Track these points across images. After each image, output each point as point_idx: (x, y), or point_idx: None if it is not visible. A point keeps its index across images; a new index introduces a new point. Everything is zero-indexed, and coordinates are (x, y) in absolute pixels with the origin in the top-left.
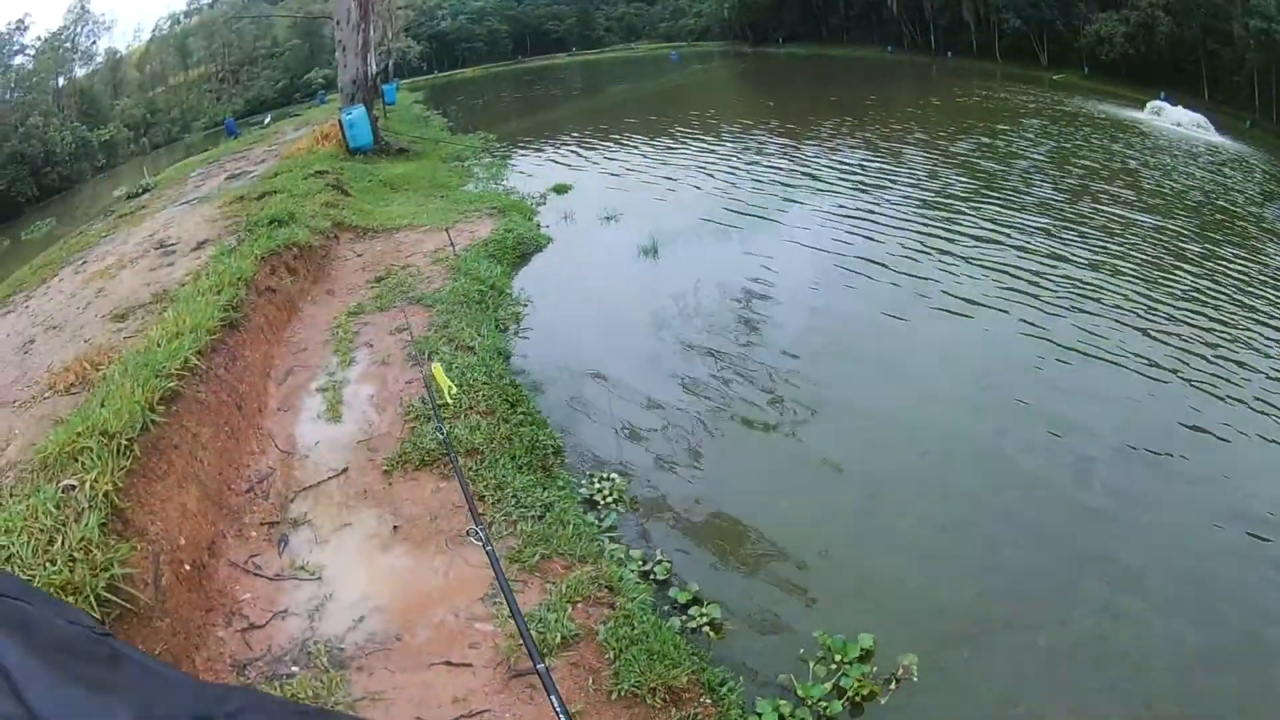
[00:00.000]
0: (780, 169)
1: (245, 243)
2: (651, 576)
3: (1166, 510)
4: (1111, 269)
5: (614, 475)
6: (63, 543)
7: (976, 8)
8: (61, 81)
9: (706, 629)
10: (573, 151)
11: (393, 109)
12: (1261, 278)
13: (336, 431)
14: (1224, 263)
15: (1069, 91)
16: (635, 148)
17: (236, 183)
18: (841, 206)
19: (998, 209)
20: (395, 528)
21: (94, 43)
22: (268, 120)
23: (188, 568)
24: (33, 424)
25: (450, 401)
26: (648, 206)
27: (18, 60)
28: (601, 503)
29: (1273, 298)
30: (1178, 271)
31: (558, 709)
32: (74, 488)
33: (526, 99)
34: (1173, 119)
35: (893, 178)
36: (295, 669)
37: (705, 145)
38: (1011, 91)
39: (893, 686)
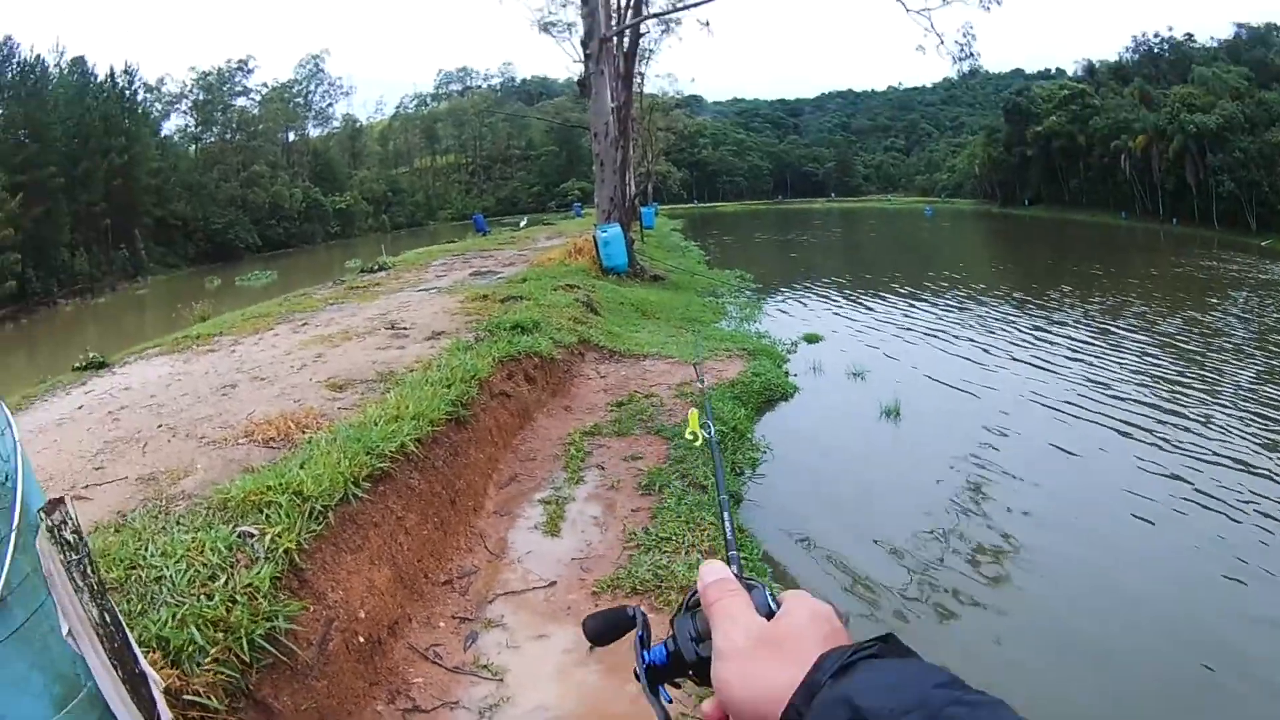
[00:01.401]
0: (1011, 338)
1: (484, 342)
2: None
3: None
4: None
5: None
6: (226, 582)
7: (1197, 171)
8: (292, 136)
9: None
10: (826, 300)
11: (650, 233)
12: None
13: (552, 545)
14: None
15: (1274, 258)
16: (886, 302)
17: (481, 280)
18: (1057, 383)
19: (1201, 396)
20: (592, 648)
21: (330, 105)
22: (523, 223)
23: (361, 640)
24: (218, 464)
25: (698, 438)
26: (893, 365)
27: (240, 102)
28: None
29: None
30: None
31: None
32: (253, 536)
33: (784, 242)
34: None
35: (1107, 357)
36: None
37: (950, 306)
38: (1223, 260)
39: None
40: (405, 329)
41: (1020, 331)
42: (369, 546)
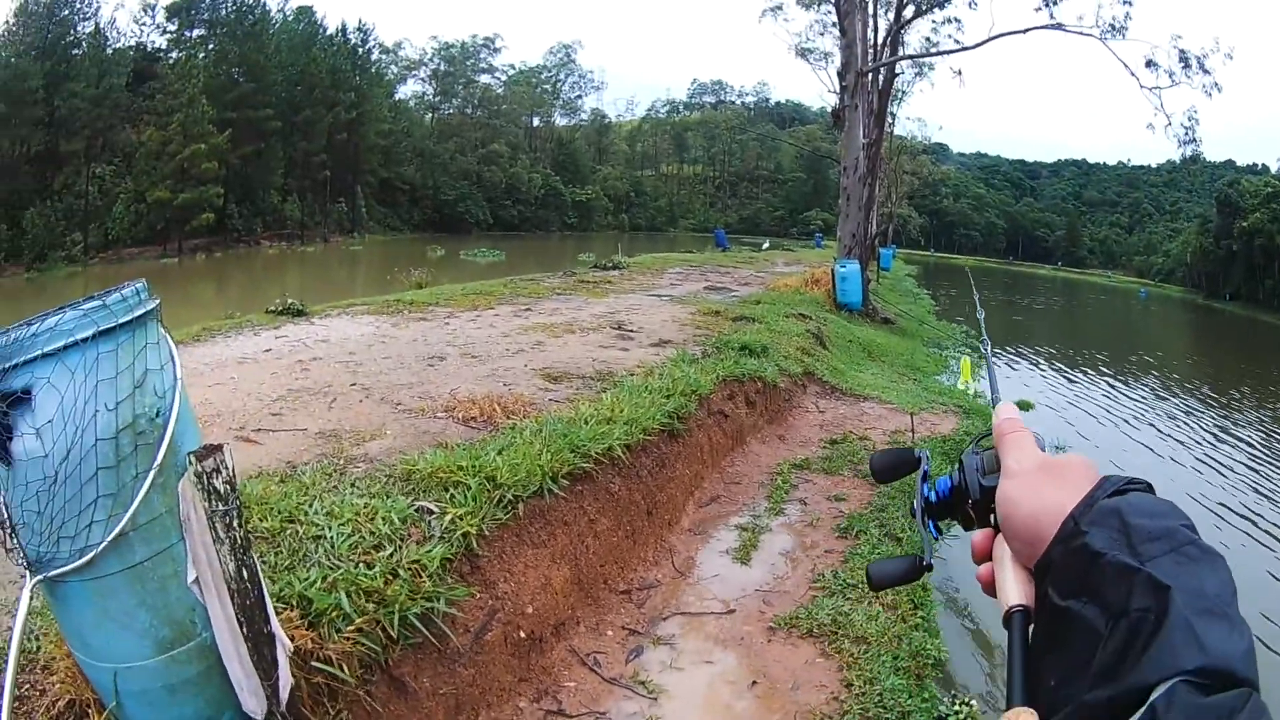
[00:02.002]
0: (1190, 433)
1: (710, 358)
2: None
3: None
4: None
5: (972, 701)
6: (391, 555)
7: None
8: (536, 121)
9: None
10: (1039, 368)
11: (886, 275)
12: None
13: (739, 572)
14: None
15: None
16: (1090, 377)
17: (716, 295)
18: (1221, 486)
19: None
20: (754, 682)
21: (579, 97)
22: (765, 245)
23: (522, 635)
24: (410, 433)
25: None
26: (1089, 443)
27: (483, 79)
28: None
29: None
30: None
31: None
32: (432, 513)
33: (1009, 303)
34: None
35: (1266, 467)
36: None
37: (1144, 391)
38: None
39: None
40: (631, 331)
41: (1199, 428)
42: (553, 544)
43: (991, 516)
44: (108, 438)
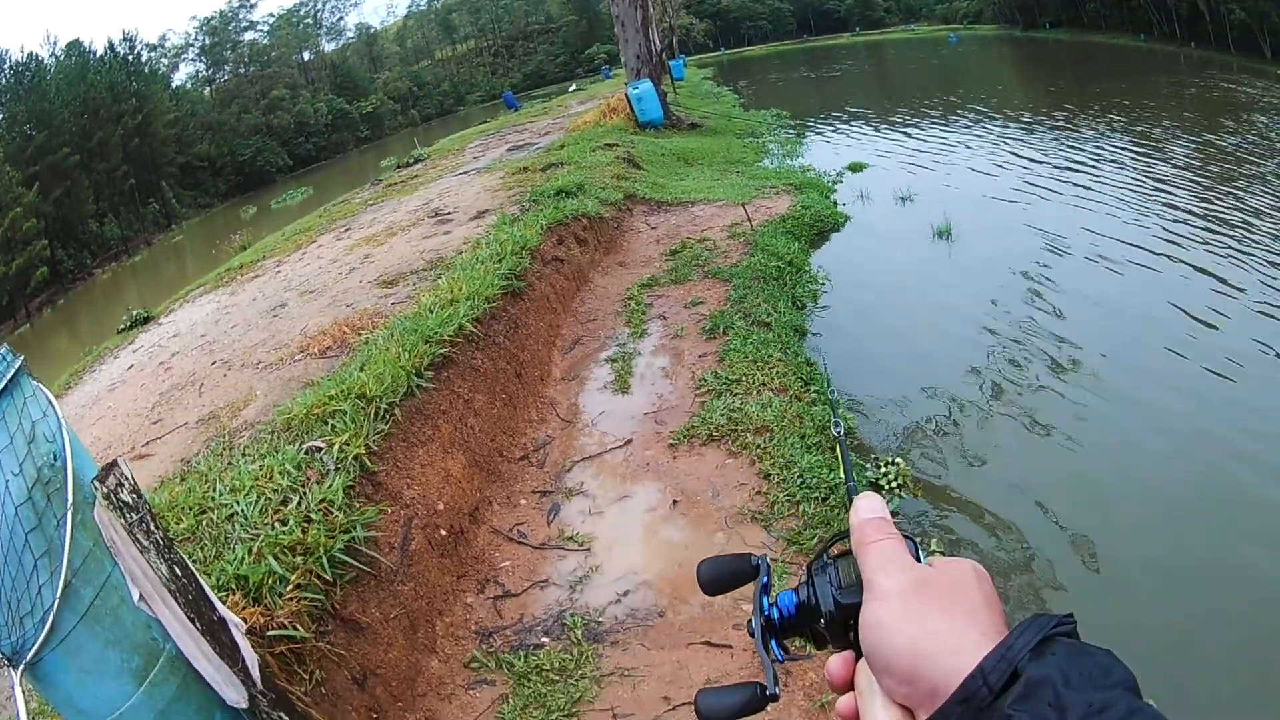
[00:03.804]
0: (1037, 157)
1: (530, 213)
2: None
3: None
4: None
5: (899, 460)
6: (299, 503)
7: None
8: (307, 55)
9: None
10: (865, 130)
11: (682, 84)
12: None
13: (623, 403)
14: None
15: None
16: (923, 128)
17: (520, 154)
18: (1092, 204)
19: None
20: (675, 502)
21: (340, 18)
22: (573, 88)
23: (443, 533)
24: (278, 386)
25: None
26: (939, 188)
27: (249, 36)
28: (886, 487)
29: None
30: None
31: None
32: (320, 450)
33: (817, 78)
34: None
35: (1128, 177)
36: (545, 640)
37: (981, 128)
38: (1240, 85)
39: None
40: (449, 214)
41: (1044, 152)
42: (440, 436)
43: (851, 635)
44: (23, 500)
